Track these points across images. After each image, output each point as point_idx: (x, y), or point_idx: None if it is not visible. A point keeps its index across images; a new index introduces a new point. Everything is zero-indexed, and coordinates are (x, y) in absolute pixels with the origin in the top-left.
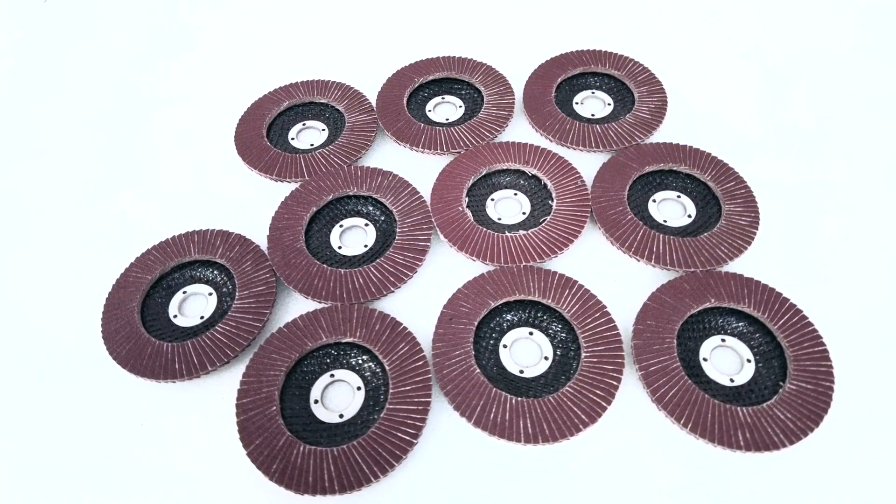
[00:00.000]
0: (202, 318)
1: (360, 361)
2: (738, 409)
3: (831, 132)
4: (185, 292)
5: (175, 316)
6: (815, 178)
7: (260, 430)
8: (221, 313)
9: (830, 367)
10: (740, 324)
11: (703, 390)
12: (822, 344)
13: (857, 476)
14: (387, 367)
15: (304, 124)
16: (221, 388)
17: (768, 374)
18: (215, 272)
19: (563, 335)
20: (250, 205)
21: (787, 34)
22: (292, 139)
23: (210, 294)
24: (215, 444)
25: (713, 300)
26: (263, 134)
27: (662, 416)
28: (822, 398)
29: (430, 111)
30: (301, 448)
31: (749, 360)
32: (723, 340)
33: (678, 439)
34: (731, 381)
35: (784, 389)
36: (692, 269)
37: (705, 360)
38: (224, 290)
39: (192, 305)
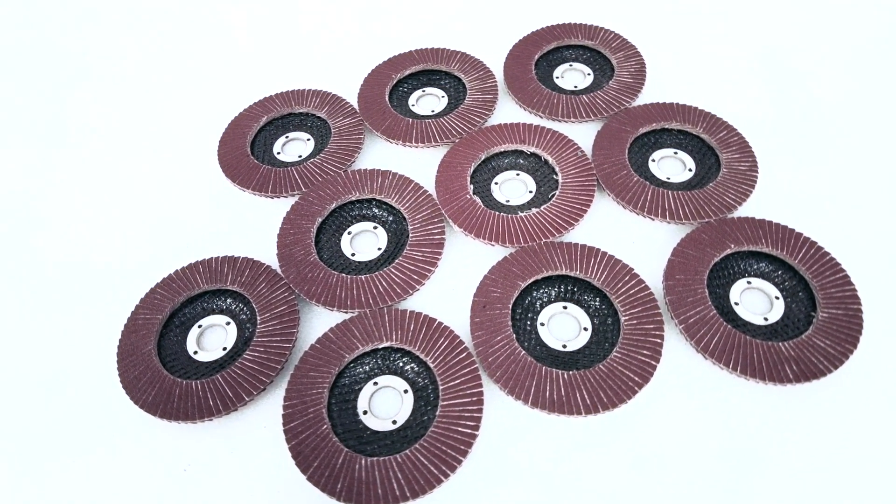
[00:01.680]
0: (225, 349)
1: (402, 364)
2: (780, 344)
3: (807, 65)
4: (200, 326)
5: (195, 352)
6: (798, 113)
7: (315, 452)
8: (245, 341)
9: (854, 290)
10: (761, 264)
11: (743, 333)
12: (843, 270)
13: None
14: (431, 365)
15: (287, 137)
16: (262, 418)
17: (798, 307)
18: (228, 300)
19: (597, 304)
20: (248, 226)
21: None
22: (278, 153)
23: (228, 323)
24: (270, 474)
25: (733, 246)
26: (248, 152)
27: (710, 364)
28: (854, 321)
29: (413, 105)
30: (362, 462)
31: (777, 298)
32: (749, 283)
33: (729, 383)
34: (765, 319)
35: (817, 318)
36: (706, 220)
37: (737, 304)
38: (242, 316)
39: (212, 338)
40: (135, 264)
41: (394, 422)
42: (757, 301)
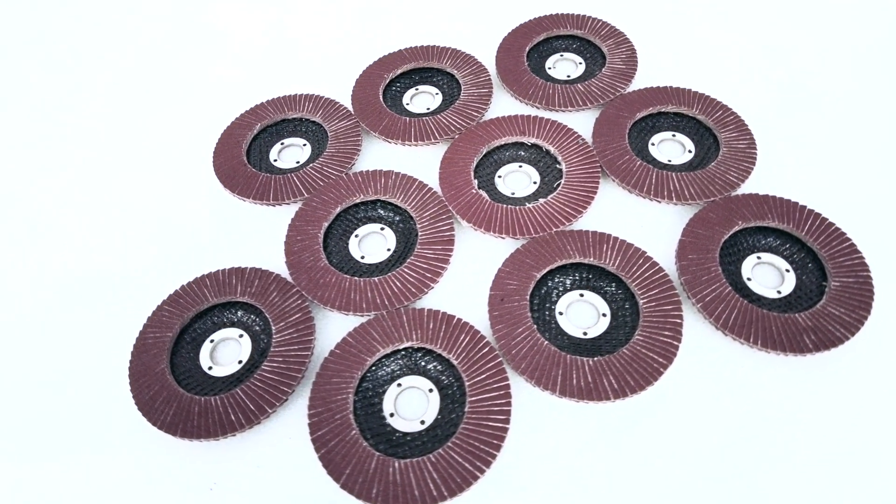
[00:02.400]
0: (240, 362)
1: (424, 363)
2: (797, 315)
3: (795, 40)
4: (212, 341)
5: (210, 367)
6: (790, 88)
7: (347, 459)
8: (261, 352)
9: (862, 257)
10: (769, 239)
11: (758, 307)
12: (849, 239)
13: None
14: (454, 362)
15: (282, 143)
16: (286, 429)
17: (809, 278)
18: (239, 312)
19: (613, 289)
20: (251, 235)
21: None
22: (275, 160)
23: (241, 336)
24: (301, 486)
25: (740, 223)
26: (244, 161)
27: (730, 340)
28: (865, 287)
29: (408, 104)
30: (396, 464)
31: (788, 270)
32: (759, 258)
33: (750, 358)
34: (778, 292)
35: (829, 288)
36: (711, 199)
37: (749, 279)
38: (255, 328)
39: (225, 352)
40: (138, 282)
41: (422, 422)
42: (768, 275)
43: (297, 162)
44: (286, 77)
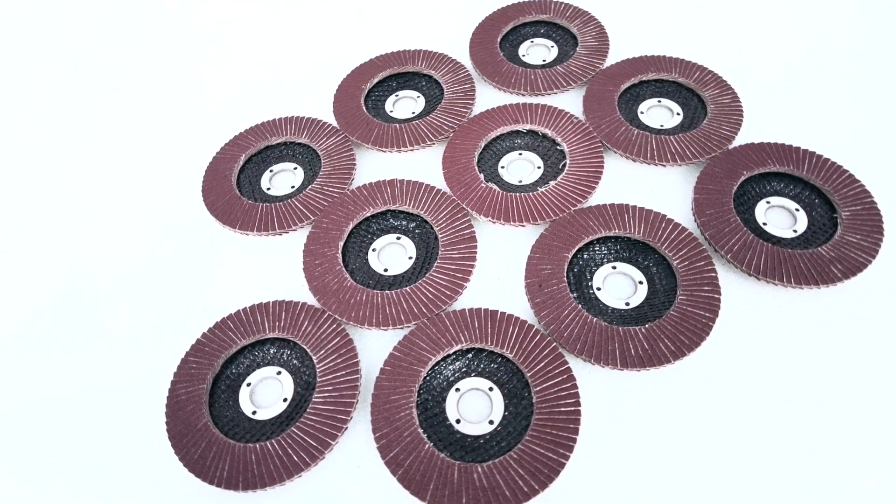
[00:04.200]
0: (285, 400)
1: (477, 363)
2: (819, 249)
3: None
4: (249, 384)
5: (254, 412)
6: (757, 36)
7: (427, 475)
8: (305, 385)
9: (863, 185)
10: (773, 183)
11: (782, 248)
12: (846, 171)
13: None
14: (509, 356)
15: (271, 171)
16: (352, 458)
17: (818, 213)
18: (272, 349)
19: (642, 256)
20: (264, 268)
21: None
22: (268, 189)
23: (279, 373)
24: None
25: (745, 172)
26: (237, 194)
27: (763, 284)
28: (873, 212)
29: (391, 111)
30: (480, 469)
31: (797, 210)
32: (768, 202)
33: (785, 296)
34: (794, 231)
35: (841, 218)
36: (712, 155)
37: (765, 224)
38: (293, 362)
39: (266, 393)
40: (153, 339)
41: (490, 421)
42: (781, 217)
43: (293, 186)
44: (260, 103)
